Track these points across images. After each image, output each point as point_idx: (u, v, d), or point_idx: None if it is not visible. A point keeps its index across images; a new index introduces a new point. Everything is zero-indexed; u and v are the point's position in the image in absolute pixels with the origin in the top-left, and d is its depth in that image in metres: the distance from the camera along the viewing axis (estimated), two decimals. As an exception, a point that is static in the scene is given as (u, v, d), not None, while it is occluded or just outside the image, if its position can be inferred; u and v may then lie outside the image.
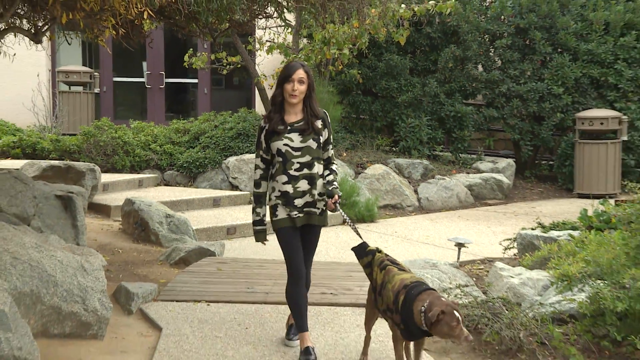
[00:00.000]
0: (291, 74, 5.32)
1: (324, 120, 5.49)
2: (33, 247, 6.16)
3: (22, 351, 5.02)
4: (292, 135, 5.37)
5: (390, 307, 4.81)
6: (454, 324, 4.44)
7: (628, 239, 6.18)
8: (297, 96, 5.35)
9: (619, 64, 14.03)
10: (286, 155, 5.35)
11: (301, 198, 5.39)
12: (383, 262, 5.09)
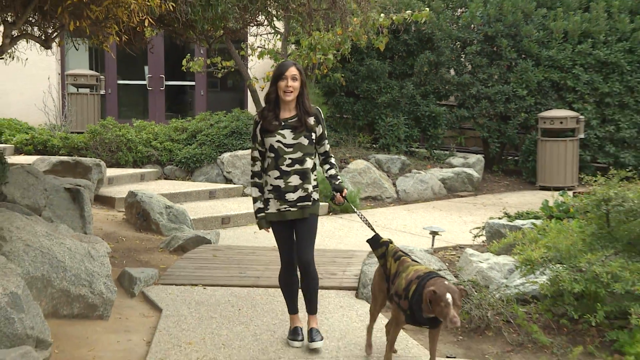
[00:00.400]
0: (284, 71, 5.17)
1: (317, 117, 5.33)
2: (44, 235, 6.16)
3: (34, 330, 5.02)
4: (285, 132, 5.21)
5: (400, 293, 4.71)
6: (442, 304, 4.37)
7: (584, 227, 6.23)
8: (291, 92, 5.19)
9: (576, 69, 14.08)
10: (278, 151, 5.19)
11: (293, 192, 5.22)
12: (397, 252, 4.99)
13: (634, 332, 5.24)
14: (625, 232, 5.92)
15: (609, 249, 5.75)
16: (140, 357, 5.28)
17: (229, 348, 5.42)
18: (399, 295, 4.72)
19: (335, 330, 5.74)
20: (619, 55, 13.95)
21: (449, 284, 4.50)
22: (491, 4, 14.60)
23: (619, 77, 14.08)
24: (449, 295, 4.37)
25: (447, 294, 4.38)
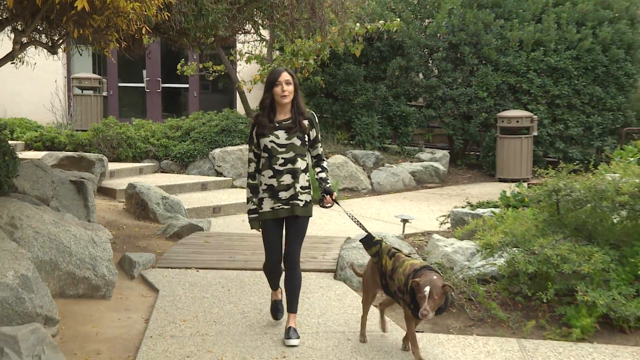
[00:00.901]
0: (277, 77, 4.99)
1: (311, 121, 5.12)
2: (51, 223, 6.14)
3: (43, 309, 5.02)
4: (279, 133, 5.01)
5: (402, 289, 4.57)
6: (419, 295, 4.30)
7: (537, 214, 6.28)
8: (287, 96, 4.99)
9: (530, 74, 14.15)
10: (272, 151, 4.99)
11: (286, 191, 5.03)
12: (391, 250, 4.86)
13: (580, 307, 5.29)
14: (572, 219, 5.98)
15: (559, 234, 5.80)
16: (139, 333, 5.29)
17: (220, 324, 5.43)
18: (401, 291, 4.59)
19: (316, 308, 5.75)
20: (567, 62, 14.03)
21: (436, 278, 4.37)
22: (455, 16, 14.63)
23: (567, 81, 14.16)
24: (427, 289, 4.27)
25: (427, 287, 4.28)
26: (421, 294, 4.28)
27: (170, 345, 5.00)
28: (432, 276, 4.37)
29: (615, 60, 14.11)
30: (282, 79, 4.98)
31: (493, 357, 4.90)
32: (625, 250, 5.60)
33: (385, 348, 5.01)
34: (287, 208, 5.05)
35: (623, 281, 5.38)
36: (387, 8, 14.74)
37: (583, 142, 14.37)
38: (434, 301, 4.27)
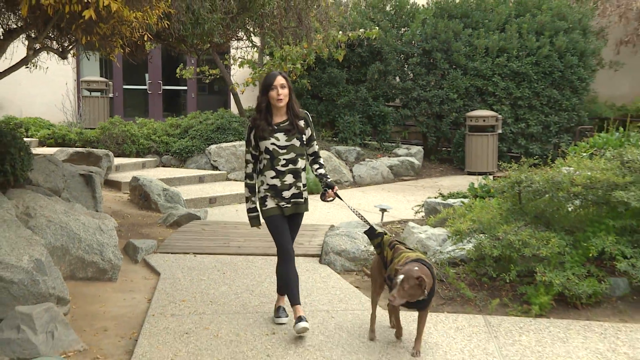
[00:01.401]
0: (272, 81, 4.75)
1: (305, 120, 4.92)
2: (62, 212, 6.14)
3: (55, 290, 5.03)
4: (278, 135, 4.78)
5: (392, 277, 4.37)
6: (394, 282, 4.19)
7: (501, 204, 6.32)
8: (282, 99, 4.76)
9: (495, 78, 14.20)
10: (273, 153, 4.77)
11: (288, 190, 4.82)
12: (392, 242, 4.65)
13: (538, 287, 5.34)
14: (532, 208, 6.02)
15: (520, 221, 5.83)
16: (142, 312, 5.29)
17: (215, 304, 5.44)
18: (391, 279, 4.40)
19: (303, 289, 5.75)
20: (528, 67, 14.09)
21: (415, 269, 4.18)
22: (428, 25, 14.66)
23: (528, 84, 14.23)
24: (400, 277, 4.14)
25: (400, 275, 4.14)
26: (395, 281, 4.18)
27: (171, 323, 5.01)
28: (413, 267, 4.20)
29: (570, 66, 14.18)
30: (277, 82, 4.76)
31: (462, 332, 4.94)
32: (578, 235, 5.66)
33: (367, 325, 5.03)
34: (290, 207, 4.86)
35: (576, 263, 5.44)
36: (367, 17, 14.74)
37: (542, 139, 14.46)
38: (404, 290, 4.13)
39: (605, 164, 6.05)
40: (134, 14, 4.66)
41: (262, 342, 4.70)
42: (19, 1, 4.19)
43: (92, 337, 4.77)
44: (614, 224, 5.64)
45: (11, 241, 5.07)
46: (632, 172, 5.76)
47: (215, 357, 4.43)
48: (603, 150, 8.26)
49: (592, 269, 5.46)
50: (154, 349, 4.54)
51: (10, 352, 4.36)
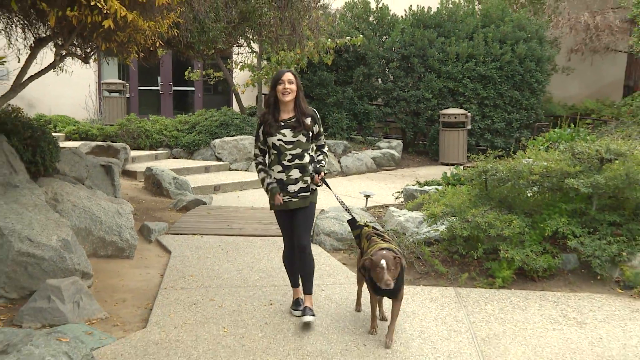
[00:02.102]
0: (280, 76, 4.44)
1: (313, 118, 4.53)
2: (86, 198, 6.14)
3: (80, 266, 5.04)
4: (285, 131, 4.44)
5: (366, 266, 4.12)
6: (377, 269, 3.92)
7: (470, 190, 6.35)
8: (289, 93, 4.42)
9: (465, 80, 14.22)
10: (280, 149, 4.43)
11: (294, 185, 4.46)
12: (369, 234, 4.40)
13: (502, 262, 5.38)
14: (497, 194, 6.06)
15: (487, 205, 5.87)
16: (156, 285, 5.32)
17: (219, 279, 5.46)
18: (365, 269, 4.15)
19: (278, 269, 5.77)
20: (493, 71, 14.11)
21: (386, 253, 3.98)
22: (406, 34, 14.64)
23: (493, 86, 14.25)
24: (383, 262, 3.91)
25: (382, 260, 3.91)
26: (379, 267, 3.92)
27: (181, 295, 5.04)
28: (383, 251, 4.01)
29: (529, 70, 14.22)
30: (285, 78, 4.44)
31: (435, 302, 4.99)
32: (536, 217, 5.71)
33: (353, 296, 5.06)
34: (297, 200, 4.50)
35: (534, 241, 5.49)
36: (352, 27, 14.71)
37: (505, 134, 14.51)
38: (391, 271, 3.91)
39: (559, 155, 6.10)
40: (147, 23, 4.64)
41: (260, 312, 4.72)
42: (48, 13, 4.18)
43: (113, 306, 4.79)
44: (566, 208, 5.70)
45: (42, 223, 5.08)
46: (581, 162, 5.81)
47: (219, 325, 4.46)
48: (557, 144, 8.32)
49: (547, 246, 5.51)
50: (166, 317, 4.57)
51: (42, 319, 4.39)
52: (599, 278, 5.36)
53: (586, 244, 5.36)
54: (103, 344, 4.12)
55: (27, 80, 4.96)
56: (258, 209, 8.34)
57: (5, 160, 5.75)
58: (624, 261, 5.35)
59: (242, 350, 4.05)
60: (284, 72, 4.48)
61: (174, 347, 4.09)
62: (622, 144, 5.96)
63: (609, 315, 4.72)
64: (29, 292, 4.76)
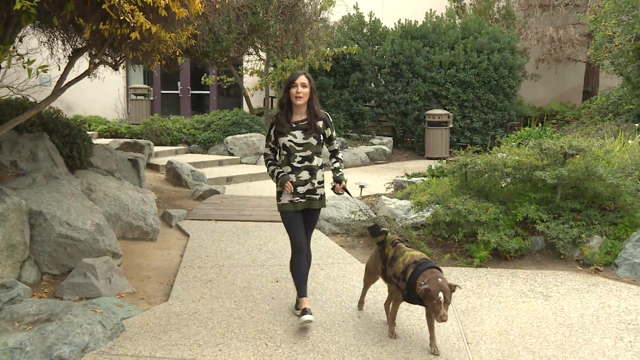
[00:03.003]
0: (294, 79, 3.97)
1: (325, 121, 4.05)
2: (115, 188, 6.15)
3: (111, 247, 5.06)
4: (296, 133, 3.97)
5: (398, 275, 3.69)
6: (434, 301, 3.38)
7: (452, 181, 6.36)
8: (301, 97, 3.96)
9: (447, 85, 14.19)
10: (290, 150, 3.98)
11: (303, 186, 4.02)
12: (394, 240, 3.91)
13: (479, 244, 5.41)
14: (476, 184, 6.08)
15: (466, 194, 5.89)
16: (176, 264, 5.33)
17: (231, 259, 5.48)
18: (397, 277, 3.70)
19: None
20: (471, 77, 14.09)
21: (441, 281, 3.45)
22: (396, 44, 14.61)
23: (472, 90, 14.23)
24: (441, 295, 3.38)
25: (440, 293, 3.38)
26: (436, 300, 3.38)
27: (198, 273, 5.06)
28: (438, 279, 3.46)
29: (502, 76, 14.20)
30: (299, 81, 3.96)
31: (420, 278, 5.01)
32: (509, 205, 5.73)
33: (349, 275, 5.08)
34: (304, 201, 4.05)
35: (507, 226, 5.52)
36: (348, 37, 14.67)
37: (482, 132, 14.50)
38: (447, 304, 3.40)
39: (529, 151, 6.12)
40: (168, 35, 4.65)
41: (268, 288, 4.75)
42: (84, 27, 4.19)
43: (139, 282, 4.82)
44: (535, 196, 5.73)
45: (78, 210, 5.10)
46: (548, 157, 5.83)
47: (232, 299, 4.48)
48: (527, 141, 8.33)
49: (518, 230, 5.54)
50: (185, 292, 4.60)
51: (79, 292, 4.43)
52: (562, 257, 5.40)
53: (551, 228, 5.39)
54: (131, 314, 4.16)
55: (65, 86, 4.96)
56: (265, 197, 8.36)
57: (47, 155, 5.79)
58: (583, 242, 5.39)
59: (251, 321, 4.09)
60: (298, 75, 4.00)
61: (192, 318, 4.13)
62: (582, 141, 5.99)
63: (569, 289, 4.76)
64: (68, 269, 4.80)
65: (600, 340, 3.87)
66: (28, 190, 5.01)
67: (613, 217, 5.52)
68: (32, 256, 4.72)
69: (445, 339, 3.83)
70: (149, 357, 3.53)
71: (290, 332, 3.93)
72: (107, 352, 3.59)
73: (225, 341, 3.77)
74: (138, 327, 3.96)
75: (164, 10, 4.19)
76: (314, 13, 11.06)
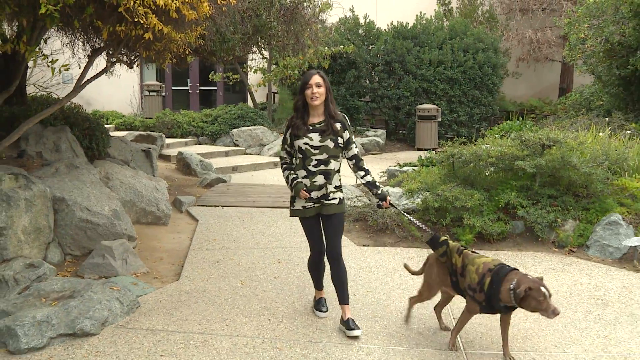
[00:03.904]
0: (308, 80, 3.48)
1: (343, 123, 3.53)
2: (130, 177, 6.16)
3: (126, 230, 5.07)
4: (312, 135, 3.48)
5: (473, 287, 3.16)
6: (540, 298, 2.90)
7: (440, 170, 6.37)
8: (318, 97, 3.47)
9: (436, 82, 14.13)
10: (306, 153, 3.49)
11: (317, 191, 3.51)
12: (459, 248, 3.35)
13: (465, 228, 5.43)
14: (462, 173, 6.09)
15: (453, 182, 5.90)
16: (186, 247, 5.34)
17: (237, 242, 5.49)
18: (473, 289, 3.17)
19: (284, 234, 5.84)
20: (458, 75, 14.03)
21: (531, 277, 3.01)
22: (388, 43, 14.53)
23: (458, 87, 14.18)
24: (544, 289, 2.91)
25: (542, 287, 2.92)
26: (542, 296, 2.90)
27: (206, 254, 5.07)
28: (527, 276, 3.02)
29: (486, 74, 14.15)
30: (313, 81, 3.48)
31: (412, 260, 5.03)
32: (492, 192, 5.75)
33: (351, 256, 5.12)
34: (318, 206, 3.55)
35: (490, 211, 5.54)
36: (345, 37, 14.59)
37: (468, 125, 14.48)
38: (550, 297, 2.94)
39: (510, 142, 6.13)
40: (179, 35, 4.64)
41: (270, 268, 4.77)
42: (102, 29, 4.20)
43: (152, 263, 4.84)
44: (516, 184, 5.75)
45: (97, 196, 5.11)
46: (528, 148, 5.85)
47: (237, 279, 4.51)
48: (509, 133, 8.34)
49: (501, 215, 5.56)
50: (194, 272, 4.62)
51: (99, 272, 4.46)
52: (539, 240, 5.43)
53: (530, 213, 5.42)
54: (145, 292, 4.19)
55: (85, 83, 4.97)
56: (268, 185, 8.37)
57: (69, 146, 5.79)
58: (558, 226, 5.42)
59: (255, 299, 4.12)
60: (312, 75, 3.51)
61: (201, 295, 4.15)
62: (558, 133, 6.01)
63: (546, 269, 4.80)
64: (88, 251, 4.82)
65: (572, 314, 3.92)
66: (52, 179, 5.02)
67: (585, 202, 5.55)
68: (56, 238, 4.74)
69: (426, 319, 3.86)
70: (162, 331, 3.57)
71: (292, 308, 3.96)
72: (124, 326, 3.63)
73: (231, 317, 3.80)
74: (152, 303, 3.99)
75: (175, 13, 4.19)
76: (313, 15, 11.01)
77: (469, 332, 3.58)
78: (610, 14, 9.00)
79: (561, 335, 3.60)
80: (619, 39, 8.75)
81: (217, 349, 3.35)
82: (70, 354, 3.28)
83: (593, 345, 3.47)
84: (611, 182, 5.71)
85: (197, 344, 3.41)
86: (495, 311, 3.15)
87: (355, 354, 3.31)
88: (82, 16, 4.10)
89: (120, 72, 8.65)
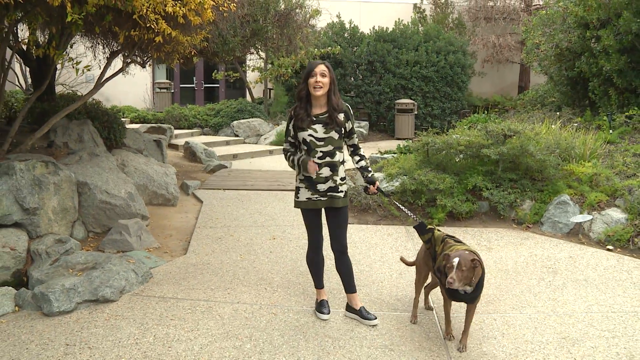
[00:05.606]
0: (313, 68, 3.07)
1: (346, 114, 3.16)
2: (143, 163, 6.13)
3: (140, 210, 5.07)
4: (317, 127, 3.08)
5: (440, 269, 2.90)
6: (448, 265, 2.75)
7: (416, 157, 6.37)
8: (321, 87, 3.05)
9: (413, 79, 14.09)
10: (310, 145, 3.09)
11: (324, 183, 3.13)
12: (443, 237, 3.04)
13: (438, 208, 5.45)
14: (435, 159, 6.09)
15: (428, 168, 5.90)
16: (192, 225, 5.33)
17: (237, 221, 5.48)
18: (439, 271, 2.92)
19: (279, 214, 5.86)
20: (432, 74, 13.99)
21: (467, 253, 2.75)
22: (371, 46, 14.42)
23: (432, 84, 14.15)
24: (456, 260, 2.71)
25: (455, 258, 2.72)
26: (449, 264, 2.73)
27: (210, 232, 5.07)
28: (464, 252, 2.77)
29: (456, 73, 14.13)
30: (318, 70, 3.07)
31: (391, 236, 5.06)
32: (461, 176, 5.77)
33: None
34: (325, 200, 3.15)
35: (460, 193, 5.57)
36: (332, 40, 14.46)
37: (441, 117, 14.48)
38: (461, 272, 2.70)
39: (477, 133, 6.15)
40: (185, 38, 4.59)
41: (267, 244, 4.78)
42: (119, 34, 4.20)
43: (163, 239, 4.84)
44: (482, 169, 5.78)
45: (115, 181, 5.09)
46: (492, 137, 5.88)
47: (237, 252, 4.51)
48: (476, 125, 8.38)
49: (469, 196, 5.59)
50: (200, 247, 4.62)
51: (117, 247, 4.46)
52: (502, 218, 5.49)
53: (494, 194, 5.47)
54: (157, 264, 4.20)
55: (104, 81, 4.95)
56: (264, 171, 8.35)
57: (90, 137, 5.76)
58: (517, 206, 5.48)
59: (254, 271, 4.14)
60: (317, 64, 3.09)
61: (205, 267, 4.17)
62: (518, 125, 6.04)
63: (507, 243, 4.87)
64: (107, 228, 4.81)
65: (528, 281, 3.99)
66: (76, 166, 4.99)
67: (540, 185, 5.62)
68: (80, 217, 4.73)
69: (403, 287, 3.91)
70: (172, 298, 3.59)
71: (285, 279, 3.99)
72: (139, 294, 3.64)
73: (232, 286, 3.83)
74: (163, 274, 4.00)
75: (182, 19, 4.19)
76: (304, 20, 10.94)
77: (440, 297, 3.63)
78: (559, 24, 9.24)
79: (518, 299, 3.67)
80: (566, 45, 8.95)
81: (220, 314, 3.38)
82: (94, 317, 3.30)
83: (544, 307, 3.55)
84: (561, 168, 5.78)
85: (203, 309, 3.43)
86: (456, 298, 2.87)
87: (342, 318, 3.35)
88: (102, 23, 4.12)
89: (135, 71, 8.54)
